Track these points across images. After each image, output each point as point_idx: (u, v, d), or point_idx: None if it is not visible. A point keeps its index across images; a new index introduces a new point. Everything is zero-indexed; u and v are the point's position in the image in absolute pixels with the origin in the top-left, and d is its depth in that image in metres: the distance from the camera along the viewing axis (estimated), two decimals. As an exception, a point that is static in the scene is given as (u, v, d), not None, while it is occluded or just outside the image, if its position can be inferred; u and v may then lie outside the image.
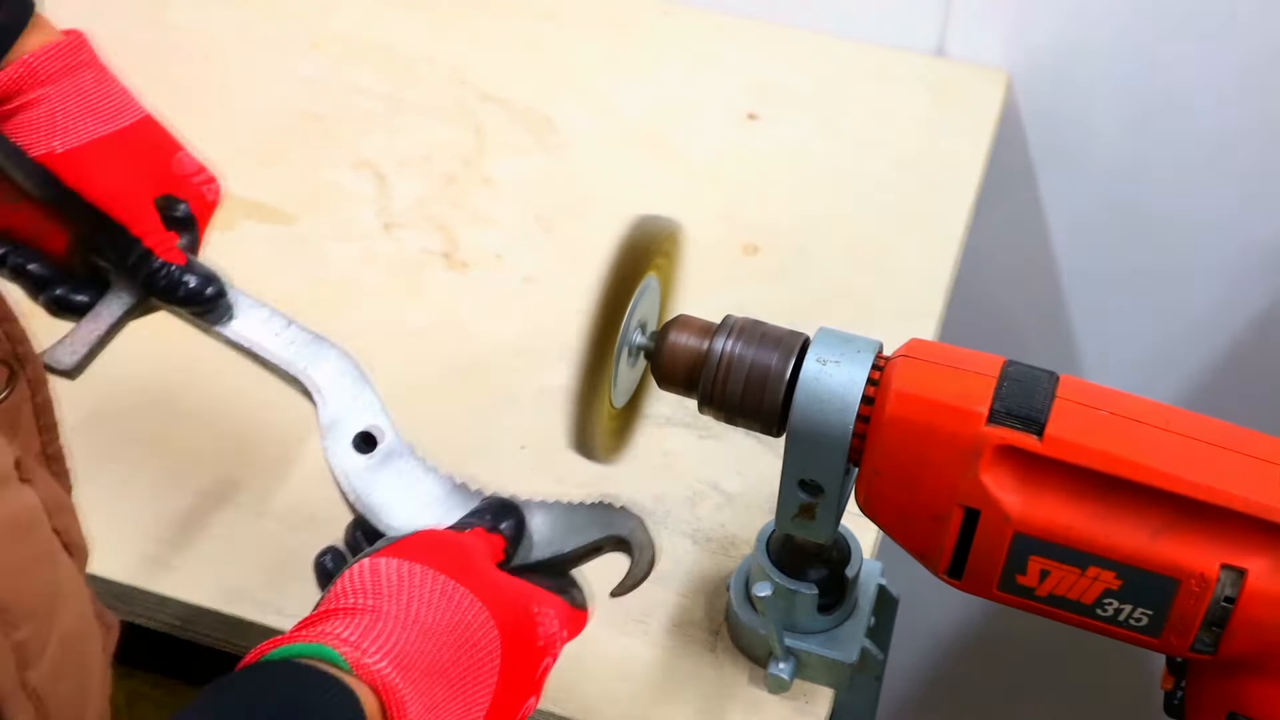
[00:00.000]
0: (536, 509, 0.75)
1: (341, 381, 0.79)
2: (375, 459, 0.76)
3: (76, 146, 0.79)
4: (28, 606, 0.54)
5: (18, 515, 0.56)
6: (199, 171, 0.85)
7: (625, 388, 0.77)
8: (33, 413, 0.64)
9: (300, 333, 0.81)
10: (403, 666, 0.60)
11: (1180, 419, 0.70)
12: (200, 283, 0.81)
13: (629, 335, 0.74)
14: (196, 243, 0.84)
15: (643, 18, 1.38)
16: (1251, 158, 1.30)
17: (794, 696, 0.85)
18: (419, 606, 0.63)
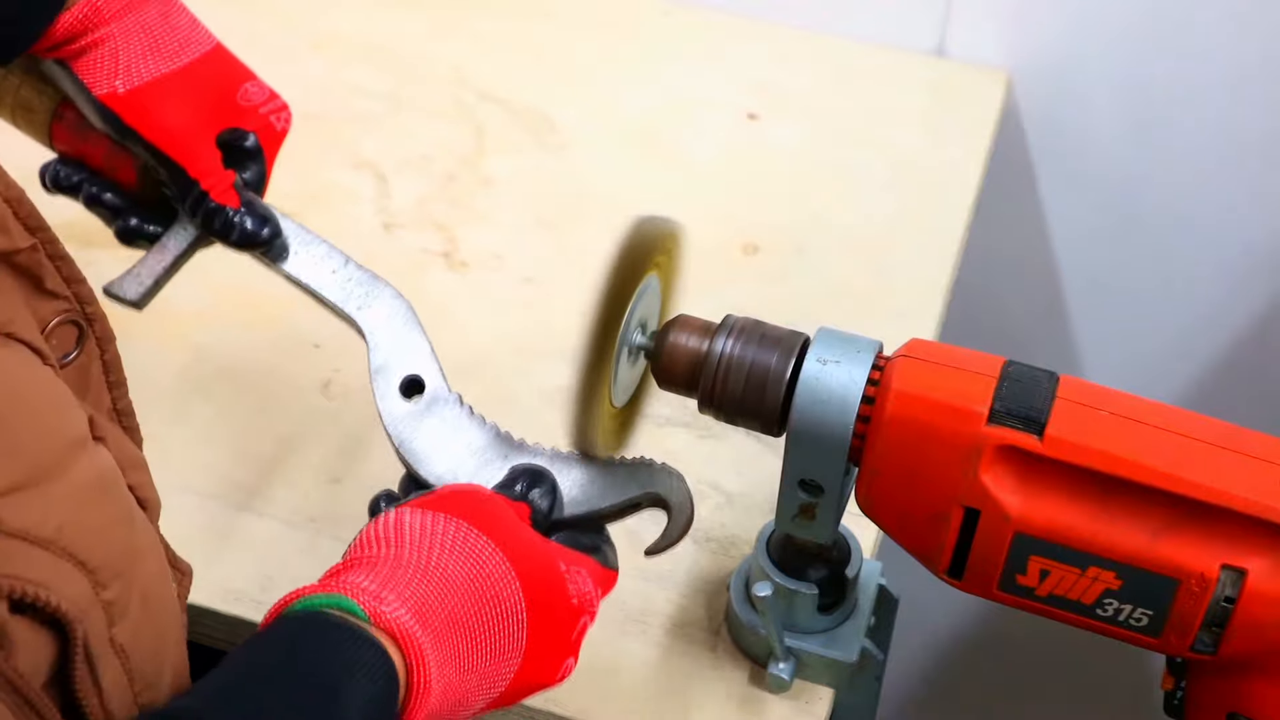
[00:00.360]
0: (574, 464, 0.75)
1: (392, 325, 0.80)
2: (420, 405, 0.77)
3: (137, 87, 0.79)
4: (115, 567, 0.55)
5: (100, 475, 0.58)
6: (268, 100, 0.85)
7: (625, 387, 0.77)
8: (102, 370, 0.65)
9: (356, 271, 0.82)
10: (422, 615, 0.60)
11: (1180, 419, 0.70)
12: (255, 225, 0.81)
13: (629, 335, 0.74)
14: (264, 174, 0.85)
15: (643, 18, 1.38)
16: (1252, 158, 1.30)
17: (794, 696, 0.85)
18: (440, 555, 0.63)
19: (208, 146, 0.81)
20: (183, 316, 1.06)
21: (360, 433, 0.99)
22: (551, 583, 0.67)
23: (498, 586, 0.64)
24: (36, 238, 0.59)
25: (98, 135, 0.83)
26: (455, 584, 0.63)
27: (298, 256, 0.83)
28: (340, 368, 1.03)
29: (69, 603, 0.51)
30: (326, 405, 1.01)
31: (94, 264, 0.97)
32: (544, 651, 0.66)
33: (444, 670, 0.60)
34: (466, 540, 0.64)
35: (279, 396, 1.01)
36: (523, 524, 0.70)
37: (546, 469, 0.74)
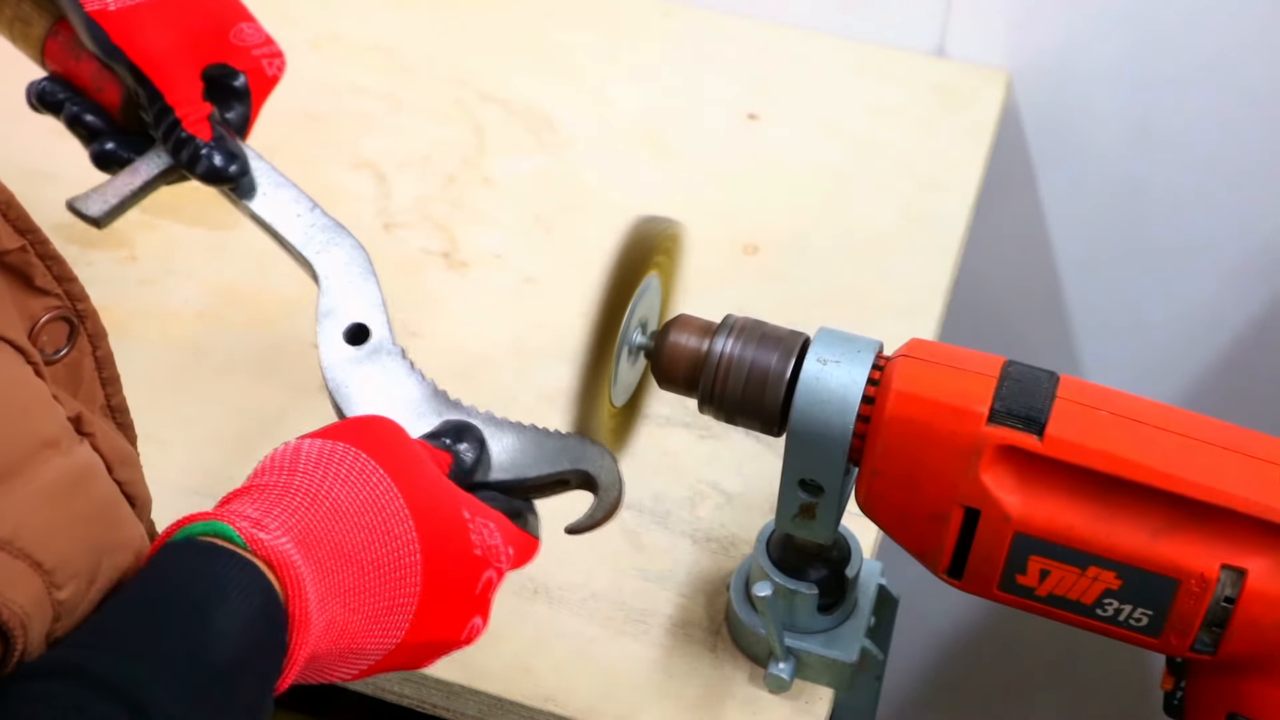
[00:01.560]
0: (508, 430, 0.74)
1: (348, 272, 0.80)
2: (363, 352, 0.76)
3: (127, 6, 0.80)
4: (74, 567, 0.54)
5: (71, 474, 0.57)
6: (264, 44, 0.86)
7: (625, 387, 0.77)
8: (94, 367, 0.64)
9: (321, 218, 0.82)
10: (305, 544, 0.58)
11: (1180, 419, 0.70)
12: (223, 160, 0.81)
13: (629, 334, 0.74)
14: (248, 116, 0.85)
15: (643, 18, 1.38)
16: (1252, 158, 1.30)
17: (794, 696, 0.85)
18: (332, 484, 0.61)
19: (190, 76, 0.81)
20: (183, 316, 1.06)
21: (360, 433, 0.99)
22: (450, 527, 0.65)
23: (390, 520, 0.62)
24: (26, 239, 0.59)
25: (88, 56, 0.83)
26: (344, 514, 0.60)
27: (265, 197, 0.83)
28: (340, 368, 1.03)
29: (14, 608, 0.51)
30: (326, 405, 1.01)
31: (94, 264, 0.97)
32: (443, 600, 0.64)
33: (328, 603, 0.59)
34: (362, 470, 0.62)
35: (279, 396, 1.01)
36: (428, 464, 0.68)
37: (475, 425, 0.73)
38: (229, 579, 0.54)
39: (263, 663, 0.55)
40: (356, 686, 0.88)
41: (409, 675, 0.86)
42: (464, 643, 0.67)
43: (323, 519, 0.60)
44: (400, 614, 0.62)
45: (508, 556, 0.69)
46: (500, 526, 0.69)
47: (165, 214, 1.13)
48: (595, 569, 0.90)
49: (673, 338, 0.75)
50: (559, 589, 0.89)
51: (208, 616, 0.53)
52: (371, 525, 0.61)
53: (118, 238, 1.10)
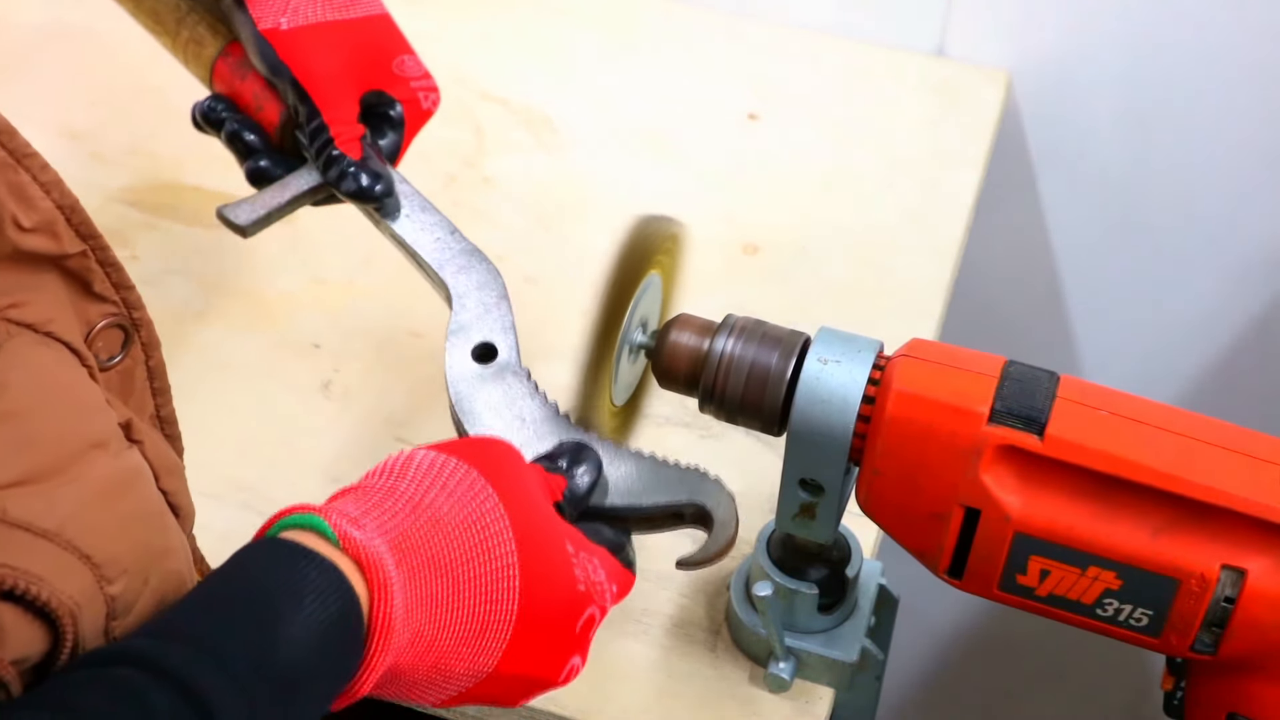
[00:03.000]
0: (626, 457, 0.73)
1: (481, 294, 0.81)
2: (489, 370, 0.77)
3: (299, 26, 0.83)
4: (123, 563, 0.55)
5: (120, 476, 0.58)
6: (422, 77, 0.88)
7: (626, 386, 0.77)
8: (146, 376, 0.65)
9: (460, 242, 0.84)
10: (400, 548, 0.58)
11: (1180, 419, 0.70)
12: (370, 180, 0.83)
13: (630, 333, 0.74)
14: (400, 145, 0.88)
15: (643, 18, 1.38)
16: (1252, 158, 1.30)
17: (794, 696, 0.85)
18: (437, 495, 0.61)
19: (348, 98, 0.84)
20: (184, 316, 1.06)
21: (360, 433, 0.99)
22: (554, 557, 0.64)
23: (491, 539, 0.61)
24: (87, 244, 0.60)
25: (253, 76, 0.87)
26: (444, 525, 0.60)
27: (408, 219, 0.85)
28: (340, 368, 1.03)
29: (63, 597, 0.51)
30: (326, 405, 1.01)
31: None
32: (541, 632, 0.63)
33: (416, 613, 0.58)
34: (470, 486, 0.62)
35: (279, 396, 1.01)
36: (539, 493, 0.67)
37: (594, 449, 0.73)
38: (308, 582, 0.54)
39: (334, 670, 0.55)
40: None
41: (409, 675, 0.86)
42: (561, 682, 0.66)
43: (422, 526, 0.60)
44: (493, 638, 0.61)
45: (611, 594, 0.68)
46: (604, 563, 0.68)
47: (165, 214, 1.14)
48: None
49: (673, 337, 0.75)
50: (559, 589, 0.89)
51: (280, 618, 0.53)
52: (471, 541, 0.61)
53: (118, 238, 1.10)
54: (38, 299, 0.58)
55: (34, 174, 0.57)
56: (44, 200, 0.57)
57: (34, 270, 0.58)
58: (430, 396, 1.00)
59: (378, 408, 1.01)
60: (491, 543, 0.61)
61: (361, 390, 1.02)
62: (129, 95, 1.22)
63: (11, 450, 0.53)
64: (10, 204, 0.56)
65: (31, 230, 0.57)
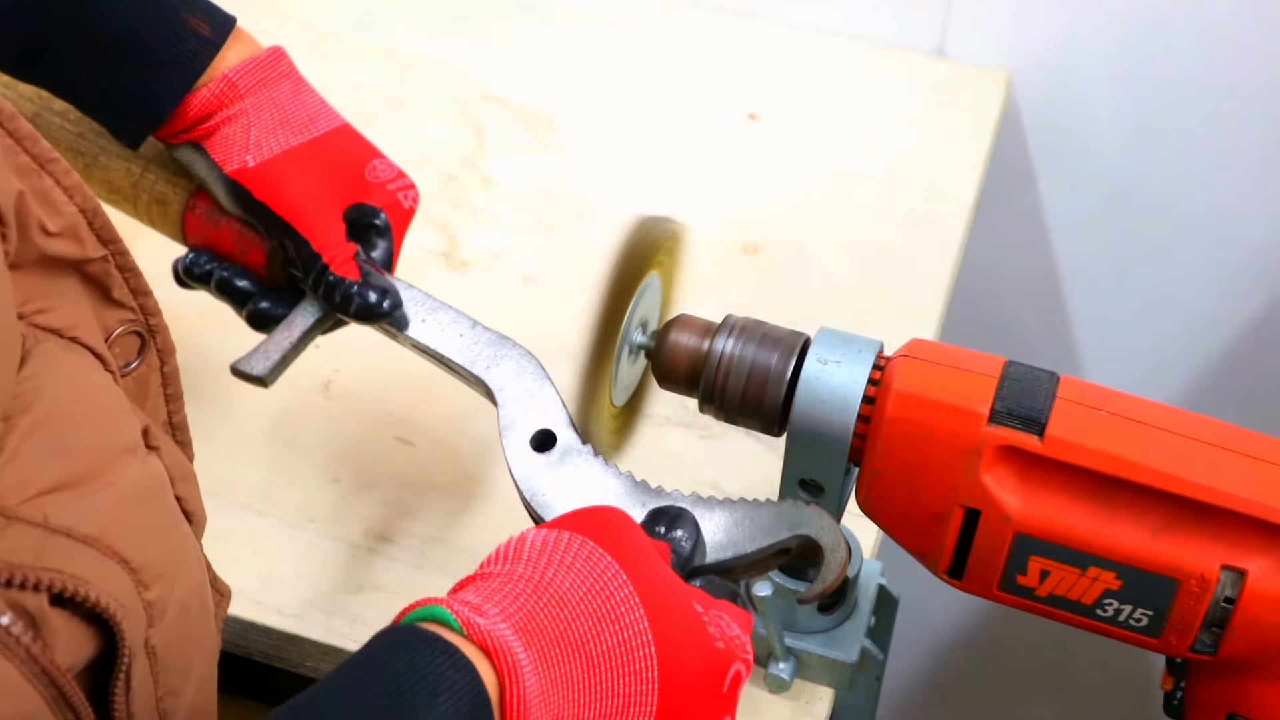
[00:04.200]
0: (717, 507, 0.71)
1: (521, 381, 0.78)
2: (553, 457, 0.74)
3: (267, 160, 0.80)
4: (158, 568, 0.55)
5: (149, 482, 0.58)
6: (396, 178, 0.85)
7: (626, 386, 0.77)
8: (160, 381, 0.65)
9: (484, 334, 0.81)
10: (527, 631, 0.56)
11: (1180, 419, 0.70)
12: (376, 297, 0.80)
13: (630, 334, 0.74)
14: (392, 252, 0.85)
15: (643, 18, 1.37)
16: (1252, 158, 1.30)
17: (794, 696, 0.85)
18: (556, 571, 0.59)
19: (333, 220, 0.82)
20: (184, 317, 1.05)
21: (360, 433, 0.99)
22: (685, 619, 0.61)
23: (619, 608, 0.58)
24: (108, 249, 0.60)
25: (228, 221, 0.84)
26: (569, 601, 0.58)
27: (424, 324, 0.82)
28: (340, 368, 1.03)
29: (111, 599, 0.51)
30: (326, 405, 1.01)
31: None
32: (687, 699, 0.60)
33: (552, 695, 0.56)
34: (588, 558, 0.60)
35: (279, 396, 1.01)
36: (656, 556, 0.64)
37: (688, 510, 0.70)
38: (442, 679, 0.53)
39: None
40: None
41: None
42: None
43: (545, 606, 0.57)
44: (638, 712, 0.59)
45: (750, 646, 0.65)
46: (734, 616, 0.65)
47: (165, 214, 1.14)
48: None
49: (673, 337, 0.75)
50: (559, 589, 0.89)
51: (412, 714, 0.52)
52: (599, 613, 0.58)
53: (118, 238, 1.10)
54: (62, 304, 0.58)
55: (58, 179, 0.57)
56: (68, 205, 0.57)
57: (58, 275, 0.58)
58: (430, 397, 1.00)
59: (378, 408, 1.01)
60: (620, 612, 0.59)
61: (361, 390, 1.02)
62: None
63: (49, 455, 0.53)
64: (37, 209, 0.56)
65: (57, 235, 0.57)
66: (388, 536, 0.93)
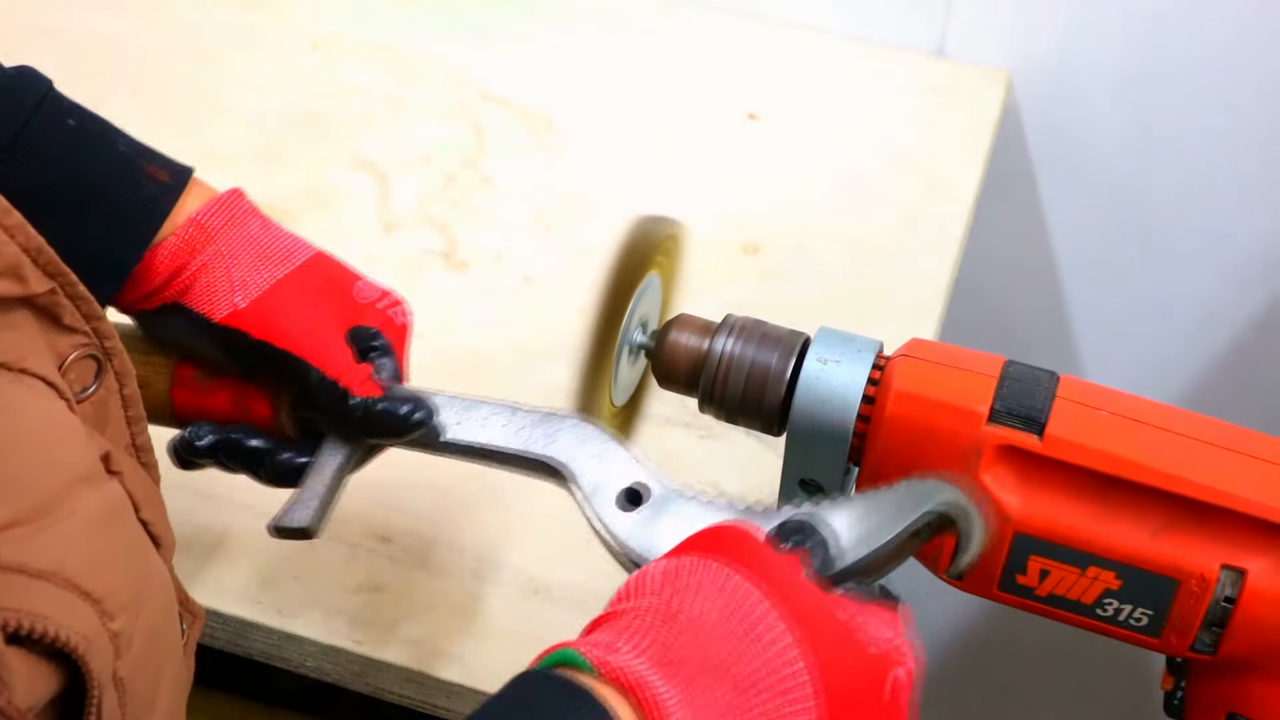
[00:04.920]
0: (836, 509, 0.66)
1: (586, 449, 0.73)
2: (647, 512, 0.70)
3: (257, 298, 0.75)
4: (121, 598, 0.54)
5: (108, 509, 0.57)
6: (382, 296, 0.80)
7: (626, 386, 0.77)
8: (121, 405, 0.63)
9: (527, 416, 0.75)
10: (665, 662, 0.54)
11: (1180, 419, 0.70)
12: (409, 409, 0.74)
13: (630, 334, 0.74)
14: (399, 369, 0.79)
15: (643, 18, 1.38)
16: (1252, 158, 1.30)
17: (794, 696, 0.85)
18: (685, 598, 0.56)
19: (338, 344, 0.76)
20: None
21: (360, 432, 0.99)
22: (831, 627, 0.59)
23: (759, 626, 0.56)
24: (56, 282, 0.58)
25: (222, 383, 0.78)
26: (705, 627, 0.55)
27: (461, 426, 0.76)
28: (340, 367, 1.03)
29: (75, 635, 0.50)
30: (326, 405, 1.01)
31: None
32: (848, 711, 0.57)
33: None
34: (716, 578, 0.57)
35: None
36: (786, 565, 0.61)
37: (808, 520, 0.66)
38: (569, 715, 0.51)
39: None
40: (359, 686, 0.89)
41: (410, 675, 0.86)
42: None
43: (682, 634, 0.55)
44: None
45: (911, 649, 0.61)
46: (885, 618, 0.62)
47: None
48: (596, 569, 0.89)
49: (673, 337, 0.75)
50: (559, 589, 0.89)
51: None
52: (739, 634, 0.56)
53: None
54: (7, 336, 0.56)
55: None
56: (9, 245, 0.56)
57: (3, 310, 0.56)
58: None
59: (378, 408, 1.01)
60: (760, 629, 0.56)
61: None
62: (126, 96, 1.22)
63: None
64: None
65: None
66: (388, 536, 0.93)
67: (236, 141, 1.21)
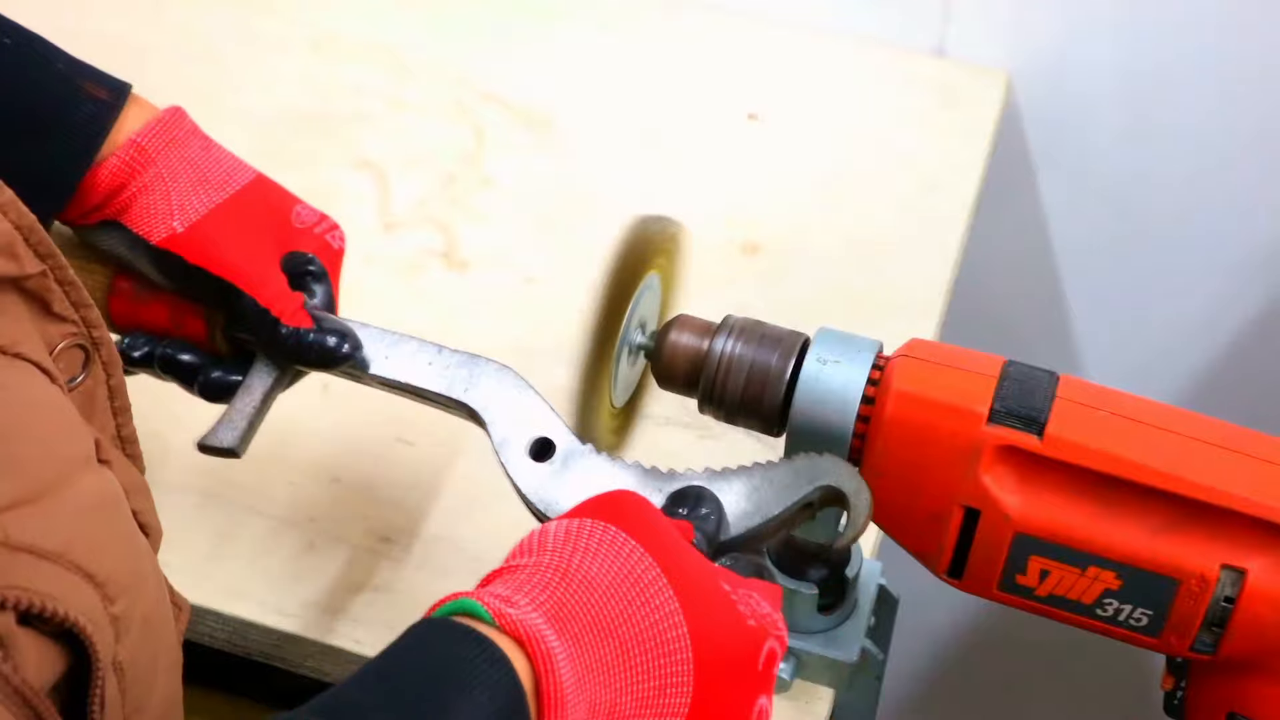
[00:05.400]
0: (733, 477, 0.70)
1: (502, 396, 0.76)
2: (556, 464, 0.73)
3: (195, 222, 0.76)
4: (122, 582, 0.54)
5: (105, 494, 0.57)
6: (320, 221, 0.83)
7: (625, 387, 0.77)
8: (107, 395, 0.64)
9: (452, 356, 0.78)
10: (558, 619, 0.56)
11: (1180, 419, 0.70)
12: (336, 341, 0.78)
13: (629, 334, 0.74)
14: (332, 295, 0.82)
15: (643, 18, 1.37)
16: (1252, 158, 1.30)
17: (794, 696, 0.85)
18: (582, 558, 0.58)
19: (273, 272, 0.79)
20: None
21: (360, 432, 0.99)
22: (714, 598, 0.61)
23: (647, 590, 0.59)
24: (46, 264, 0.58)
25: (158, 295, 0.80)
26: (597, 586, 0.58)
27: (388, 360, 0.79)
28: (340, 368, 1.03)
29: (81, 615, 0.51)
30: (326, 405, 1.01)
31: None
32: (722, 679, 0.60)
33: (588, 683, 0.56)
34: (613, 543, 0.60)
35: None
36: (678, 535, 0.64)
37: (706, 487, 0.70)
38: (477, 673, 0.53)
39: None
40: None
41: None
42: None
43: (575, 593, 0.57)
44: (675, 693, 0.59)
45: (784, 624, 0.65)
46: (763, 593, 0.65)
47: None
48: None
49: (673, 337, 0.75)
50: (559, 589, 0.89)
51: (450, 710, 0.51)
52: (628, 597, 0.58)
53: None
54: (2, 321, 0.57)
55: None
56: (2, 221, 0.56)
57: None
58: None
59: (378, 408, 1.01)
60: (649, 594, 0.59)
61: (361, 390, 1.02)
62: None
63: (2, 473, 0.51)
64: None
65: None
66: (388, 536, 0.93)
67: (236, 141, 1.20)
